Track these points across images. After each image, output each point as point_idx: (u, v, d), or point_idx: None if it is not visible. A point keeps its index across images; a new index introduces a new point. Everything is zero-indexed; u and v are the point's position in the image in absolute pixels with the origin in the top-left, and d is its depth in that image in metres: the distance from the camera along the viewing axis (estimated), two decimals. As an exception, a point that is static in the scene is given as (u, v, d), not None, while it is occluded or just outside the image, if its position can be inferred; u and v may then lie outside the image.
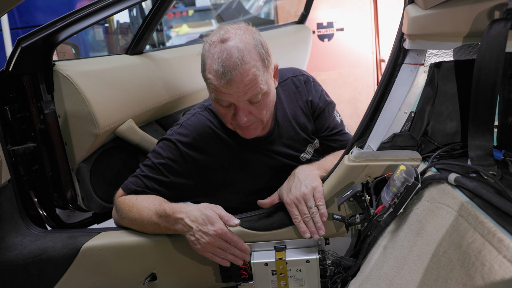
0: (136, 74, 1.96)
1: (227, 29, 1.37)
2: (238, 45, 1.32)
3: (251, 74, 1.33)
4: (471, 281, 0.79)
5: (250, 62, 1.33)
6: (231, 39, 1.34)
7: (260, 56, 1.36)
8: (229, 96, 1.36)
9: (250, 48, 1.34)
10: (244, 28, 1.39)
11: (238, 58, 1.31)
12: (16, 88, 1.64)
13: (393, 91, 1.28)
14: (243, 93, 1.35)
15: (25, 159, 1.67)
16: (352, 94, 4.57)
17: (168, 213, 1.34)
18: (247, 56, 1.32)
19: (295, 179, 1.39)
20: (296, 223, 1.34)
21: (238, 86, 1.33)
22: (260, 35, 1.42)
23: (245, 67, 1.32)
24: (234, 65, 1.30)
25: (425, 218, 1.06)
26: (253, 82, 1.34)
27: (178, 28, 7.51)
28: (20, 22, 4.72)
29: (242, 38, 1.35)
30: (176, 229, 1.34)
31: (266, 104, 1.43)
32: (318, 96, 1.65)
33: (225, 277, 1.42)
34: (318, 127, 1.67)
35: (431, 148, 1.28)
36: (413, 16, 1.13)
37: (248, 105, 1.40)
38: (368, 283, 1.20)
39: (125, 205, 1.45)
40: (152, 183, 1.50)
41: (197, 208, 1.32)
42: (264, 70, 1.38)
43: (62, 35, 1.63)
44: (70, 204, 1.82)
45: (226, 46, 1.32)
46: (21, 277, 1.46)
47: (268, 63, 1.40)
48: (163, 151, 1.51)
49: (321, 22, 4.42)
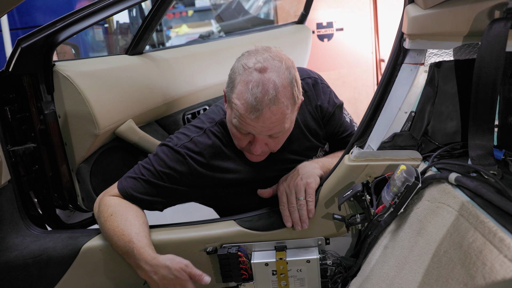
0: (136, 74, 1.96)
1: (267, 57, 1.31)
2: (275, 80, 1.27)
3: (281, 113, 1.29)
4: (472, 281, 0.79)
5: (283, 101, 1.28)
6: (269, 70, 1.28)
7: (293, 94, 1.32)
8: (252, 129, 1.32)
9: (286, 85, 1.29)
10: (283, 60, 1.32)
11: (273, 96, 1.26)
12: (16, 88, 1.64)
13: (393, 90, 1.28)
14: (268, 130, 1.32)
15: (25, 159, 1.66)
16: (352, 94, 4.57)
17: (136, 256, 1.30)
18: (282, 95, 1.27)
19: (295, 171, 1.42)
20: (281, 210, 1.36)
21: (265, 122, 1.29)
22: (295, 68, 1.36)
23: (278, 106, 1.27)
24: (268, 102, 1.26)
25: (426, 218, 1.06)
26: (280, 121, 1.31)
27: (178, 28, 7.51)
28: (20, 22, 4.71)
29: (280, 72, 1.29)
30: (137, 272, 1.32)
31: (283, 139, 1.42)
32: (327, 100, 1.60)
33: (226, 277, 1.42)
34: (329, 131, 1.63)
35: (432, 147, 1.28)
36: (413, 15, 1.13)
37: (266, 138, 1.37)
38: (368, 283, 1.20)
39: (106, 212, 1.40)
40: (152, 189, 1.45)
41: (165, 265, 1.27)
42: (293, 109, 1.34)
43: (62, 36, 1.62)
44: (70, 204, 1.82)
45: (262, 78, 1.26)
46: (21, 278, 1.46)
47: (298, 101, 1.36)
48: (169, 160, 1.44)
49: (321, 22, 4.42)
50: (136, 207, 1.44)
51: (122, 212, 1.39)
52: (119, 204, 1.42)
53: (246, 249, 1.41)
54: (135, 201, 1.45)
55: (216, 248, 1.41)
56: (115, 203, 1.42)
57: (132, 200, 1.45)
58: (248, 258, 1.39)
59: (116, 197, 1.46)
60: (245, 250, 1.40)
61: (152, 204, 1.47)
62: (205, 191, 1.51)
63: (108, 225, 1.38)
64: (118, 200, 1.44)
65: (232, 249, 1.38)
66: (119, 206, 1.41)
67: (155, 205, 1.48)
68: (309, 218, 1.35)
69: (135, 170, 1.48)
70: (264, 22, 5.11)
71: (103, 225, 1.40)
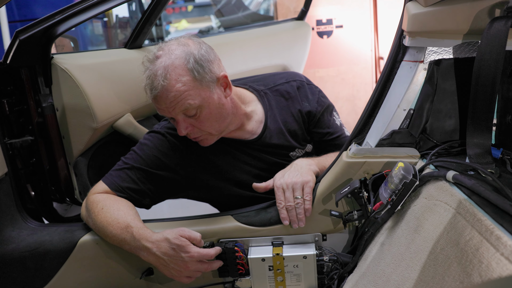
0: (135, 68, 1.94)
1: (161, 46, 1.42)
2: (166, 62, 1.37)
3: (175, 90, 1.36)
4: (468, 278, 0.79)
5: (175, 78, 1.36)
6: (162, 56, 1.38)
7: (189, 71, 1.37)
8: (162, 111, 1.42)
9: (178, 64, 1.37)
10: (182, 43, 1.42)
11: (163, 74, 1.35)
12: (14, 81, 1.63)
13: (392, 88, 1.28)
14: (172, 108, 1.38)
15: (23, 152, 1.66)
16: (351, 91, 4.57)
17: (135, 237, 1.31)
18: (172, 72, 1.36)
19: (291, 168, 1.42)
20: (278, 208, 1.36)
21: (165, 101, 1.38)
22: (202, 47, 1.43)
23: (170, 82, 1.35)
24: (159, 81, 1.35)
25: (423, 215, 1.06)
26: (178, 98, 1.36)
27: (177, 23, 7.49)
28: (18, 15, 4.70)
29: (172, 54, 1.38)
30: (140, 255, 1.33)
31: (207, 117, 1.43)
32: (315, 100, 1.63)
33: (222, 272, 1.42)
34: (319, 132, 1.64)
35: (430, 145, 1.28)
36: (413, 13, 1.13)
37: (187, 119, 1.42)
38: (365, 280, 1.20)
39: (96, 208, 1.41)
40: (138, 176, 1.47)
41: (164, 238, 1.29)
42: (195, 85, 1.38)
43: (60, 28, 1.62)
44: (67, 198, 1.82)
45: (155, 63, 1.38)
46: (18, 271, 1.46)
47: (200, 77, 1.39)
48: (150, 143, 1.51)
49: (321, 19, 4.42)
50: (125, 200, 1.46)
51: (112, 204, 1.41)
52: (108, 198, 1.44)
53: (243, 244, 1.41)
54: (122, 191, 1.46)
55: (213, 243, 1.41)
56: (103, 198, 1.43)
57: (119, 191, 1.46)
58: (245, 253, 1.40)
59: (103, 193, 1.46)
60: (242, 245, 1.40)
61: (139, 195, 1.48)
62: (191, 174, 1.54)
63: (101, 218, 1.38)
64: (105, 195, 1.45)
65: (229, 244, 1.39)
66: (108, 200, 1.42)
67: (143, 197, 1.49)
68: (306, 216, 1.36)
69: (118, 164, 1.52)
70: (264, 18, 5.11)
71: (95, 220, 1.40)
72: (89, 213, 1.43)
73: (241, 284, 1.43)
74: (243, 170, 1.58)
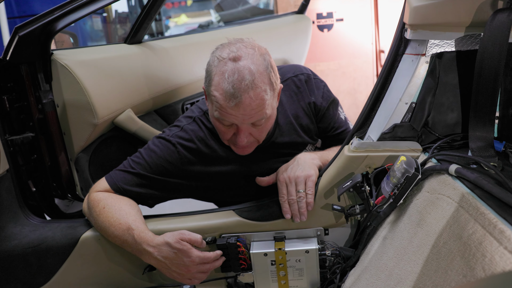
0: (135, 63, 1.95)
1: (239, 46, 1.32)
2: (250, 67, 1.27)
3: (260, 98, 1.28)
4: (472, 272, 0.79)
5: (261, 86, 1.28)
6: (243, 58, 1.28)
7: (270, 79, 1.32)
8: (234, 118, 1.31)
9: (262, 71, 1.29)
10: (256, 48, 1.33)
11: (250, 81, 1.26)
12: (14, 77, 1.63)
13: (394, 81, 1.28)
14: (249, 117, 1.31)
15: (24, 149, 1.66)
16: (351, 85, 4.56)
17: (137, 240, 1.31)
18: (258, 80, 1.28)
19: (294, 162, 1.42)
20: (281, 201, 1.36)
21: (245, 109, 1.28)
22: (270, 56, 1.37)
23: (256, 91, 1.27)
24: (245, 88, 1.26)
25: (425, 209, 1.06)
26: (260, 106, 1.30)
27: (177, 18, 7.47)
28: (17, 11, 4.68)
29: (254, 59, 1.29)
30: (141, 257, 1.33)
31: (267, 127, 1.41)
32: (320, 95, 1.59)
33: (225, 267, 1.42)
34: (323, 127, 1.62)
35: (432, 139, 1.28)
36: (415, 5, 1.12)
37: (249, 127, 1.36)
38: (367, 274, 1.20)
39: (97, 207, 1.39)
40: (143, 182, 1.44)
41: (165, 242, 1.28)
42: (272, 95, 1.34)
43: (60, 24, 1.61)
44: (69, 194, 1.82)
45: (237, 66, 1.27)
46: (20, 267, 1.46)
47: (276, 86, 1.36)
48: (159, 151, 1.45)
49: (321, 12, 4.40)
50: (127, 198, 1.44)
51: (114, 203, 1.39)
52: (110, 197, 1.42)
53: (245, 239, 1.41)
54: (125, 194, 1.44)
55: (215, 238, 1.41)
56: (105, 197, 1.42)
57: (121, 193, 1.44)
58: (247, 248, 1.40)
59: (104, 192, 1.45)
60: (244, 240, 1.40)
61: (142, 198, 1.47)
62: (197, 183, 1.51)
63: (102, 218, 1.37)
64: (107, 194, 1.43)
65: (231, 239, 1.38)
66: (110, 199, 1.41)
67: (146, 199, 1.48)
68: (308, 210, 1.35)
69: (124, 164, 1.48)
70: (264, 12, 5.09)
71: (96, 219, 1.39)
72: (91, 211, 1.42)
73: (244, 279, 1.44)
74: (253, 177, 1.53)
